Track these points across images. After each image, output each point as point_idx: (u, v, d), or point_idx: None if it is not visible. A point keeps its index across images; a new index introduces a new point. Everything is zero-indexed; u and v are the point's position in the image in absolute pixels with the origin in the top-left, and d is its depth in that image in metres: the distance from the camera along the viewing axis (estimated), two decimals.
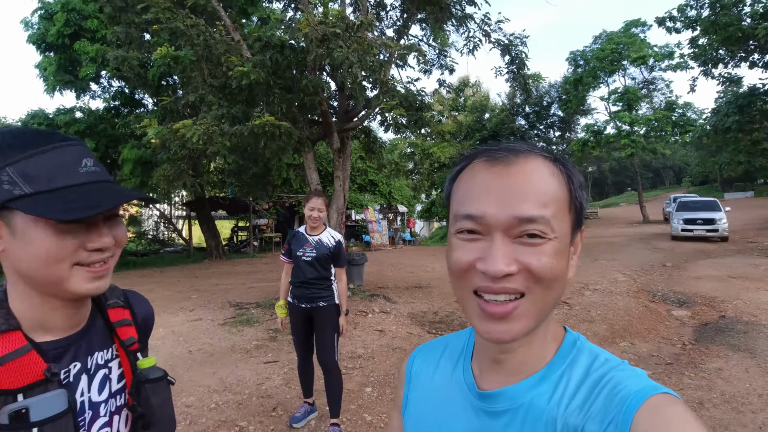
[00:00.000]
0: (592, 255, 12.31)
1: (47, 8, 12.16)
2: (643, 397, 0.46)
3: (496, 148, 0.53)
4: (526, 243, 0.49)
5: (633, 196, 45.13)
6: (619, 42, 23.06)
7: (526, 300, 0.50)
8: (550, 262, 0.49)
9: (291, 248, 3.15)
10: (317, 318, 3.09)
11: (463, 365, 0.64)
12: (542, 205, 0.50)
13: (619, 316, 6.03)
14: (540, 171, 0.52)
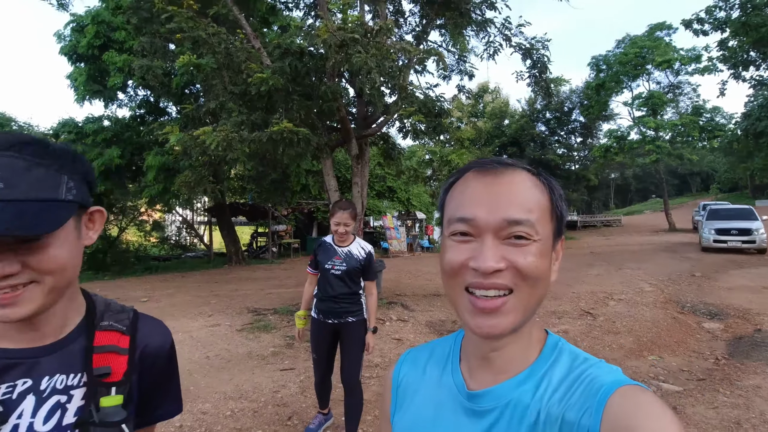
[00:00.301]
0: (616, 263, 11.96)
1: (79, 21, 12.60)
2: (615, 386, 0.52)
3: (485, 161, 0.60)
4: (514, 244, 0.55)
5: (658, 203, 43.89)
6: (644, 46, 22.57)
7: (513, 296, 0.55)
8: (535, 260, 0.55)
9: (318, 259, 2.94)
10: (345, 334, 2.90)
11: (452, 367, 0.67)
12: (527, 210, 0.56)
13: (646, 327, 5.80)
14: (524, 182, 0.58)
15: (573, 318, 6.46)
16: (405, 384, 0.72)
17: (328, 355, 2.96)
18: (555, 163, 27.33)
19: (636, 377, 4.20)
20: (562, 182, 28.29)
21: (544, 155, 27.16)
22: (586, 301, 7.44)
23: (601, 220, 32.96)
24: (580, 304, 7.25)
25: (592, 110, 25.49)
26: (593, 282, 9.26)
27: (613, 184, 57.28)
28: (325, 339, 2.92)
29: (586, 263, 12.43)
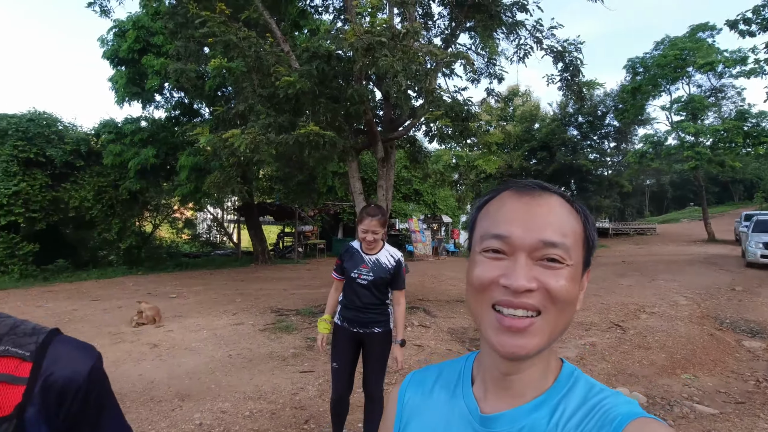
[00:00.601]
0: (649, 274, 11.49)
1: (120, 26, 13.16)
2: (631, 417, 0.52)
3: (523, 182, 0.61)
4: (547, 266, 0.55)
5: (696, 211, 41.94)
6: (684, 47, 21.63)
7: (541, 318, 0.54)
8: (566, 285, 0.55)
9: (344, 266, 2.77)
10: (370, 344, 2.75)
11: (463, 390, 0.66)
12: (563, 234, 0.56)
13: (680, 344, 5.52)
14: (561, 207, 0.58)
15: (601, 330, 6.23)
16: (411, 406, 0.71)
17: (350, 365, 2.78)
18: (586, 168, 26.57)
19: (668, 397, 4.01)
20: (594, 188, 27.53)
21: (575, 160, 26.44)
22: (616, 313, 7.17)
23: (635, 228, 31.77)
24: (609, 316, 6.99)
25: (627, 114, 24.62)
26: (624, 293, 8.91)
27: (648, 190, 55.14)
28: (349, 348, 2.76)
29: (617, 273, 12.00)
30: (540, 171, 28.84)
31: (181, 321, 6.84)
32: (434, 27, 8.54)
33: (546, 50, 7.34)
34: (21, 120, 13.07)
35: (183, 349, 5.39)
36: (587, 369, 4.73)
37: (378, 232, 2.71)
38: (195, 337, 5.93)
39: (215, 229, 25.77)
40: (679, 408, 3.78)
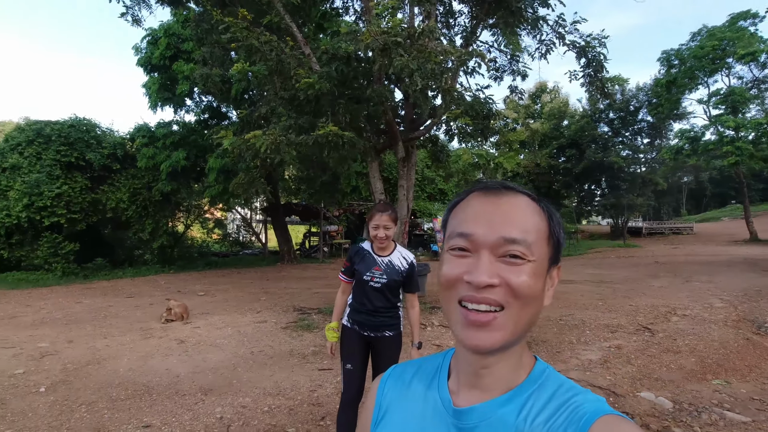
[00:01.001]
0: (683, 275, 11.03)
1: (153, 34, 13.69)
2: (599, 414, 0.54)
3: (489, 183, 0.63)
4: (508, 262, 0.57)
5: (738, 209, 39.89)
6: (723, 37, 20.61)
7: (504, 313, 0.56)
8: (528, 280, 0.56)
9: (355, 268, 2.65)
10: (380, 349, 2.64)
11: (439, 383, 0.68)
12: (524, 230, 0.58)
13: (712, 348, 5.29)
14: (525, 205, 0.60)
15: (628, 333, 6.04)
16: (389, 398, 0.73)
17: (363, 366, 2.65)
18: (618, 165, 25.62)
19: (696, 402, 3.85)
20: (626, 186, 26.55)
21: (606, 157, 25.56)
22: (645, 316, 6.93)
23: (670, 227, 30.52)
24: (637, 318, 6.76)
25: (661, 109, 23.64)
26: (655, 294, 8.60)
27: (686, 188, 52.81)
28: (360, 349, 2.65)
29: (649, 274, 11.58)
30: (569, 169, 28.05)
31: (208, 318, 7.07)
32: (455, 25, 8.49)
33: (568, 46, 7.16)
34: (63, 126, 13.79)
35: (208, 346, 5.56)
36: (611, 372, 4.60)
37: (390, 228, 2.59)
38: (220, 333, 6.11)
39: (244, 229, 26.39)
40: (707, 414, 3.63)
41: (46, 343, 5.75)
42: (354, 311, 2.67)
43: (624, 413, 3.52)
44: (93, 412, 3.70)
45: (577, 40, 7.06)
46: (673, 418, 3.61)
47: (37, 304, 8.72)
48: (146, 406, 3.82)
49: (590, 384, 4.26)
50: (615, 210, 27.55)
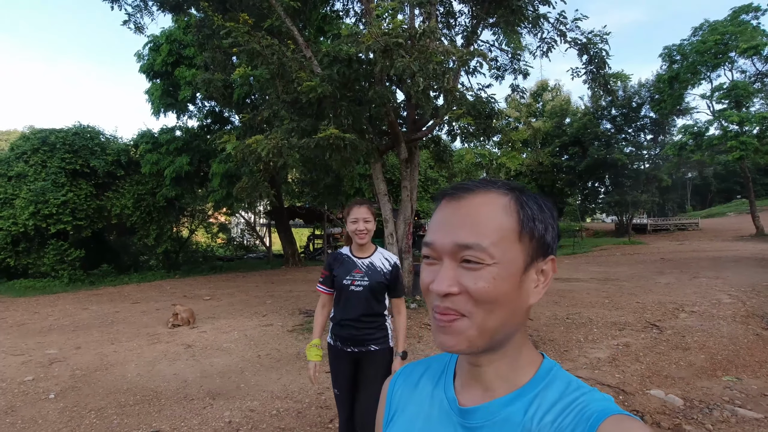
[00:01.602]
0: (690, 271, 10.95)
1: (155, 41, 13.77)
2: (607, 414, 0.53)
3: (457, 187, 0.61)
4: (466, 267, 0.56)
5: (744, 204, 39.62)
6: (726, 31, 20.49)
7: (468, 319, 0.56)
8: (486, 285, 0.55)
9: (333, 274, 2.41)
10: (365, 365, 2.40)
11: (445, 383, 0.68)
12: (479, 233, 0.56)
13: (722, 344, 5.24)
14: (487, 204, 0.58)
15: (636, 330, 6.00)
16: (398, 397, 0.74)
17: (351, 388, 2.44)
18: (622, 162, 25.50)
19: (707, 400, 3.82)
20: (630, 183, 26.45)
21: (609, 155, 25.46)
22: (653, 313, 6.88)
23: (675, 224, 30.36)
24: (645, 315, 6.72)
25: (664, 105, 23.53)
26: (662, 291, 8.54)
27: (690, 184, 52.55)
28: (346, 369, 2.42)
29: (655, 271, 11.52)
30: (572, 167, 27.98)
31: (214, 322, 7.08)
32: (456, 25, 8.48)
33: (570, 43, 7.14)
34: (67, 134, 13.89)
35: (215, 350, 5.57)
36: (619, 370, 4.57)
37: (369, 221, 2.38)
38: (226, 337, 6.12)
39: (248, 233, 26.47)
40: (719, 411, 3.60)
41: (55, 349, 5.78)
42: (336, 325, 2.41)
43: (634, 411, 3.49)
44: (102, 418, 3.72)
45: (578, 37, 7.04)
46: (684, 415, 3.58)
47: (44, 311, 8.76)
48: (155, 411, 3.83)
49: (599, 382, 4.24)
50: (619, 207, 27.44)
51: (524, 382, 0.61)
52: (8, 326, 7.40)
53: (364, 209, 2.37)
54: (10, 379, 4.63)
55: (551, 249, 0.61)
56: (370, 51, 4.82)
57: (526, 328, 0.63)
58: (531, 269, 0.59)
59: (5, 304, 9.76)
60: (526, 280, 0.58)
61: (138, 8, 7.46)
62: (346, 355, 2.40)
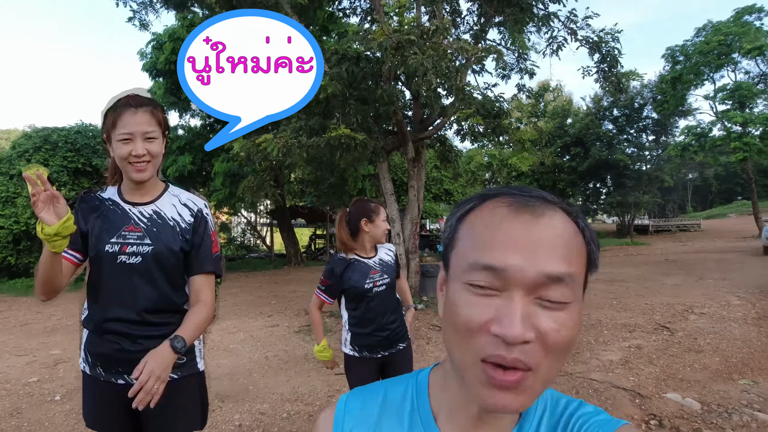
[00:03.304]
0: (695, 273, 10.90)
1: (158, 39, 13.70)
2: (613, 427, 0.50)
3: (521, 192, 0.48)
4: (547, 307, 0.44)
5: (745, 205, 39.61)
6: (729, 32, 20.48)
7: (534, 373, 0.44)
8: (570, 332, 0.44)
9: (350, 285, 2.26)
10: (393, 366, 2.33)
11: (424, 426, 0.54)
12: (570, 263, 0.45)
13: (735, 346, 5.19)
14: (566, 225, 0.46)
15: (646, 332, 5.94)
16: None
17: None
18: (624, 163, 25.50)
19: (725, 404, 3.76)
20: (632, 183, 26.41)
21: (611, 155, 25.45)
22: (662, 314, 6.82)
23: (677, 225, 30.34)
24: (654, 317, 6.66)
25: (666, 106, 23.51)
26: (669, 293, 8.49)
27: (691, 185, 52.57)
28: (374, 377, 2.34)
29: (660, 272, 11.47)
30: (574, 168, 27.92)
31: (219, 323, 7.01)
32: (462, 24, 8.42)
33: (581, 42, 7.07)
34: (69, 132, 13.83)
35: (222, 351, 5.51)
36: (633, 373, 4.51)
37: None
38: (232, 338, 6.06)
39: (249, 232, 26.41)
40: (738, 416, 3.53)
41: (59, 350, 5.71)
42: (359, 336, 2.29)
43: (651, 416, 3.41)
44: None
45: (589, 36, 6.97)
46: (702, 419, 3.52)
47: (47, 310, 8.69)
48: None
49: (614, 385, 4.18)
50: (621, 208, 27.40)
51: None
52: (11, 326, 7.33)
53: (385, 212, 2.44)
54: (15, 380, 4.57)
55: None
56: (382, 48, 4.74)
57: None
58: None
59: (7, 304, 9.70)
60: None
61: (143, 5, 7.40)
62: (374, 361, 2.31)
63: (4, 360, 5.33)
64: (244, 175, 11.72)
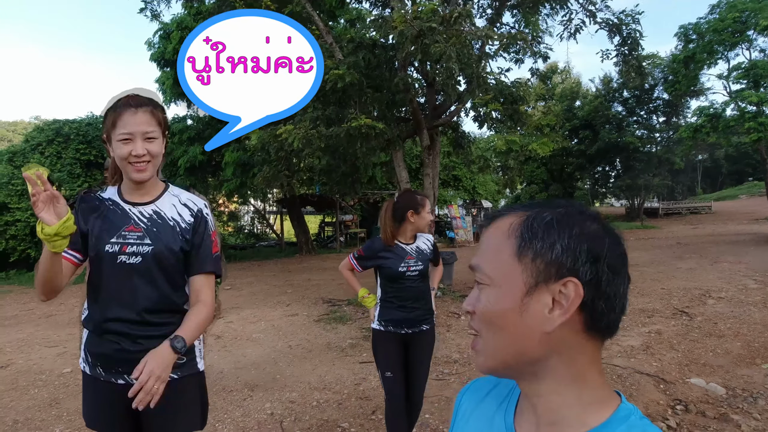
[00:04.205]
0: (709, 256, 10.85)
1: (165, 28, 13.59)
2: None
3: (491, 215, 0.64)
4: (477, 288, 0.60)
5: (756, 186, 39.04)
6: (744, 9, 19.91)
7: (480, 339, 0.59)
8: (483, 305, 0.58)
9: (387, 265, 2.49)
10: (416, 345, 2.53)
11: (506, 408, 0.65)
12: (482, 256, 0.60)
13: (756, 331, 5.19)
14: (496, 229, 0.60)
15: (665, 317, 5.96)
16: (463, 411, 0.73)
17: (403, 369, 2.53)
18: (633, 145, 25.16)
19: (750, 388, 3.79)
20: (642, 166, 26.11)
21: (620, 138, 25.13)
22: (680, 299, 6.83)
23: (687, 207, 30.05)
24: (672, 302, 6.67)
25: (678, 86, 22.99)
26: (685, 277, 8.47)
27: (701, 166, 51.87)
28: (398, 352, 2.52)
29: (673, 255, 11.42)
30: (582, 151, 27.61)
31: (239, 312, 7.12)
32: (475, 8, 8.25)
33: (600, 24, 6.93)
34: (81, 125, 13.89)
35: (245, 340, 5.61)
36: (655, 358, 4.55)
37: None
38: (254, 328, 6.15)
39: (258, 221, 26.52)
40: (764, 401, 3.56)
41: None
42: (388, 310, 2.51)
43: (677, 401, 3.43)
44: None
45: (609, 18, 6.82)
46: (728, 404, 3.56)
47: (69, 301, 8.84)
48: None
49: (637, 371, 4.22)
50: (630, 191, 27.15)
51: (596, 424, 0.54)
52: (37, 317, 7.50)
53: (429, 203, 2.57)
54: (49, 371, 4.69)
55: (566, 270, 0.53)
56: (403, 36, 4.68)
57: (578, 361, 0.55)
58: (537, 292, 0.54)
59: (29, 296, 9.88)
60: (531, 302, 0.54)
61: None
62: (399, 337, 2.51)
63: (36, 351, 5.46)
64: (254, 164, 11.73)
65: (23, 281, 12.10)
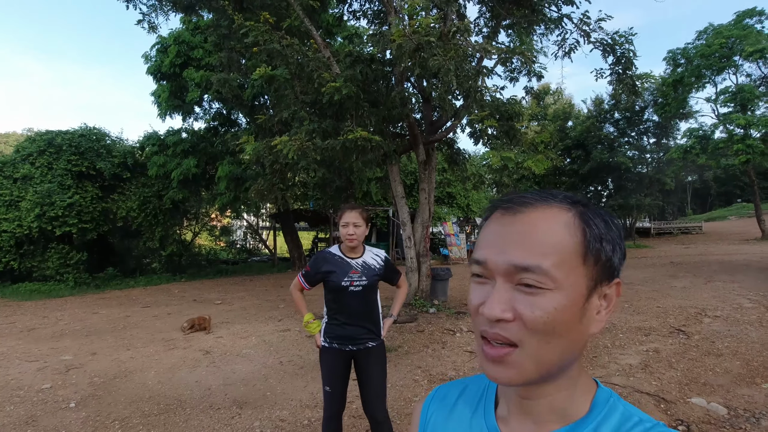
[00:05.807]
0: (703, 275, 10.86)
1: (163, 42, 13.66)
2: None
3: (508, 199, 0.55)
4: (524, 291, 0.50)
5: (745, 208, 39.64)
6: (730, 35, 20.55)
7: (519, 351, 0.50)
8: (544, 314, 0.49)
9: (327, 279, 2.46)
10: (364, 362, 2.48)
11: (485, 410, 0.62)
12: (541, 254, 0.50)
13: (754, 350, 5.14)
14: (547, 220, 0.52)
15: (662, 336, 5.89)
16: (433, 422, 0.68)
17: (343, 386, 2.51)
18: (625, 166, 25.51)
19: (751, 408, 3.71)
20: (633, 186, 26.40)
21: (612, 158, 25.47)
22: (676, 317, 6.78)
23: (678, 227, 30.35)
24: (668, 320, 6.61)
25: (668, 108, 23.52)
26: (680, 296, 8.45)
27: (690, 187, 52.63)
28: (342, 369, 2.50)
29: (667, 274, 11.43)
30: (575, 171, 27.90)
31: (229, 327, 6.94)
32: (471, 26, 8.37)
33: (594, 44, 7.04)
34: (73, 136, 13.76)
35: (235, 356, 5.44)
36: (654, 377, 4.46)
37: (359, 225, 2.45)
38: (245, 343, 5.99)
39: (250, 236, 26.28)
40: (767, 421, 3.49)
41: (70, 355, 5.64)
42: (333, 327, 2.48)
43: (678, 421, 3.34)
44: (128, 428, 3.58)
45: (603, 38, 6.92)
46: (731, 425, 3.47)
47: (53, 315, 8.61)
48: (181, 421, 3.69)
49: (636, 390, 4.13)
50: (622, 210, 27.37)
51: (579, 415, 0.54)
52: (18, 331, 7.25)
53: (355, 213, 2.45)
54: (28, 387, 4.50)
55: (617, 271, 0.54)
56: (402, 51, 4.69)
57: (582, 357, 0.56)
58: (594, 295, 0.52)
59: (12, 308, 9.61)
60: (589, 307, 0.52)
61: (153, 7, 7.37)
62: (344, 354, 2.48)
63: (15, 366, 5.25)
64: (248, 178, 11.66)
65: (7, 294, 11.79)
